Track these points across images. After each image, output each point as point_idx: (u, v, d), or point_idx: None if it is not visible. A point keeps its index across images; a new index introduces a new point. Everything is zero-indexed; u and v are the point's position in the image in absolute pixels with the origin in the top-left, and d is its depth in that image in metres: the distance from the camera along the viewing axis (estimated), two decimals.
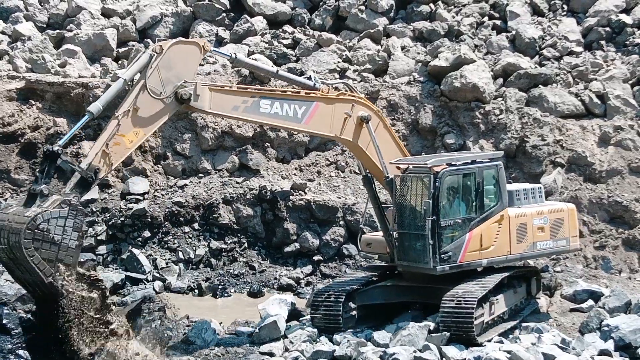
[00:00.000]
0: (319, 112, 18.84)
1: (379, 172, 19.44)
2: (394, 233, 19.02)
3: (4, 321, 13.04)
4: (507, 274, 18.94)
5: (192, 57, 18.26)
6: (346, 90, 20.35)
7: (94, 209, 27.73)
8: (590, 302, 20.17)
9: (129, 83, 17.78)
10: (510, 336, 18.10)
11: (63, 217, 15.43)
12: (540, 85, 28.43)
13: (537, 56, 30.19)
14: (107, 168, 16.96)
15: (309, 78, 20.20)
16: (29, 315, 13.59)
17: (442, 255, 18.45)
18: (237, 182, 28.35)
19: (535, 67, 29.23)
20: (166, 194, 28.31)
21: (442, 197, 18.55)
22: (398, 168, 19.29)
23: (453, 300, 17.53)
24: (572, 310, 20.09)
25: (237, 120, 22.35)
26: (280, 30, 33.99)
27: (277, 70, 21.25)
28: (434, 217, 18.27)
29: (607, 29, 30.52)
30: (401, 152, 20.39)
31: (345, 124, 19.14)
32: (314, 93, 19.30)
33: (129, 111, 17.10)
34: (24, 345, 12.92)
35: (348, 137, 19.38)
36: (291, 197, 27.58)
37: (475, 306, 17.20)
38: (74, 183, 16.63)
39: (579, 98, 28.02)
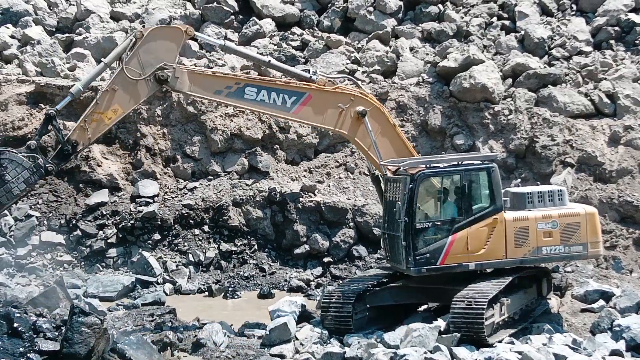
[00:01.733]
0: (312, 103, 19.48)
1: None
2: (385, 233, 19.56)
3: (15, 324, 13.05)
4: (517, 274, 18.88)
5: (175, 40, 19.58)
6: (352, 85, 20.47)
7: (104, 212, 27.80)
8: (601, 302, 20.10)
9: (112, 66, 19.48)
10: (521, 337, 18.06)
11: (22, 167, 18.00)
12: (549, 85, 28.37)
13: (546, 56, 30.12)
14: (86, 142, 19.00)
15: (308, 71, 20.61)
16: (39, 319, 13.63)
17: (418, 258, 18.59)
18: (247, 184, 28.37)
19: (545, 67, 29.17)
20: (176, 197, 28.36)
21: (419, 200, 18.69)
22: (388, 169, 19.53)
23: (463, 301, 17.47)
24: (583, 310, 20.02)
25: (219, 103, 23.17)
26: (289, 32, 34.00)
27: (269, 60, 21.64)
28: (407, 219, 18.48)
29: (617, 28, 30.43)
30: (406, 150, 20.28)
31: (340, 118, 19.54)
32: (307, 84, 19.79)
33: (107, 91, 19.12)
34: (34, 348, 12.94)
35: (344, 130, 19.86)
36: (301, 199, 27.59)
37: (485, 306, 17.15)
38: (55, 153, 18.90)
39: (588, 98, 27.95)
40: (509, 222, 18.81)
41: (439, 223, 18.88)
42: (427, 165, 18.97)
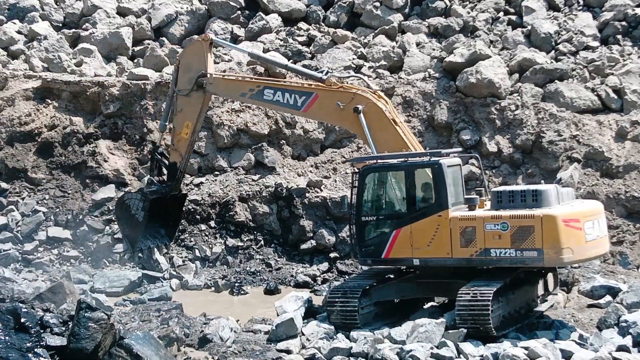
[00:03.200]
0: (318, 101, 20.81)
1: None
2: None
3: (23, 319, 13.08)
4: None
5: (201, 51, 22.92)
6: (361, 84, 21.36)
7: (111, 208, 27.84)
8: (608, 297, 20.04)
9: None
10: (528, 332, 18.04)
11: (138, 200, 23.25)
12: (556, 81, 28.32)
13: (553, 51, 30.08)
14: (181, 159, 23.37)
15: (322, 71, 21.92)
16: (46, 314, 13.66)
17: (364, 250, 19.25)
18: (253, 180, 28.39)
19: (551, 62, 29.12)
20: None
21: (365, 194, 19.27)
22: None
23: (469, 294, 17.46)
24: (589, 306, 19.96)
25: (246, 103, 26.26)
26: (295, 27, 34.02)
27: (287, 64, 23.75)
28: (352, 211, 19.27)
29: (624, 23, 30.39)
30: (405, 146, 20.16)
31: (341, 114, 20.53)
32: (316, 85, 21.08)
33: (177, 115, 23.27)
34: (41, 343, 12.98)
35: (347, 125, 21.35)
36: (307, 194, 27.59)
37: (491, 299, 17.13)
38: (167, 177, 23.67)
39: (595, 93, 27.89)
40: (454, 220, 18.31)
41: (382, 217, 19.32)
42: (376, 161, 19.52)
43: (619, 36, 30.12)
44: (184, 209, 26.07)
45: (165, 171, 24.49)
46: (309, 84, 21.61)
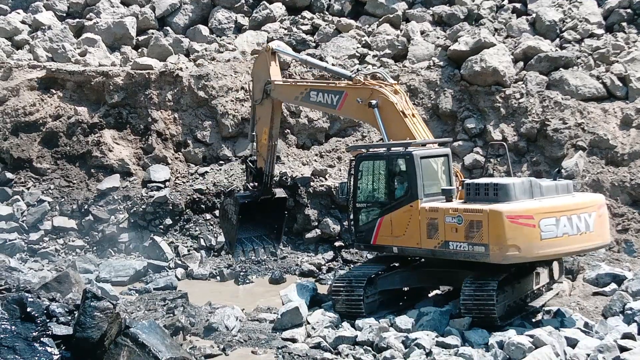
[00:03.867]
0: (348, 99, 21.23)
1: None
2: None
3: (29, 309, 13.12)
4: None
5: (265, 62, 23.91)
6: (379, 79, 21.81)
7: (116, 197, 27.89)
8: (613, 285, 20.04)
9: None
10: (533, 320, 18.05)
11: (232, 205, 24.36)
12: (561, 68, 28.24)
13: (558, 39, 29.99)
14: (265, 164, 24.14)
15: (357, 70, 23.71)
16: (52, 303, 13.71)
17: (358, 234, 19.88)
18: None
19: (556, 50, 29.04)
20: (187, 182, 28.43)
21: (359, 180, 19.93)
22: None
23: (474, 283, 17.47)
24: (594, 294, 19.96)
25: (300, 106, 27.39)
26: (299, 16, 33.97)
27: (326, 66, 24.55)
28: (347, 196, 20.07)
29: (629, 10, 30.28)
30: (415, 137, 20.14)
31: (362, 110, 20.87)
32: (346, 83, 21.79)
33: (256, 123, 24.39)
34: (47, 332, 13.02)
35: (368, 120, 21.73)
36: (312, 183, 27.60)
37: (496, 288, 17.13)
38: (256, 182, 24.56)
39: (600, 81, 27.81)
40: (423, 211, 18.41)
41: (370, 205, 19.79)
42: (367, 150, 20.29)
43: (624, 24, 30.02)
44: (285, 211, 26.05)
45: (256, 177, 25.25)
46: (341, 84, 22.11)
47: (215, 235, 27.14)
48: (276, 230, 25.43)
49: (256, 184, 24.48)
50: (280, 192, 25.30)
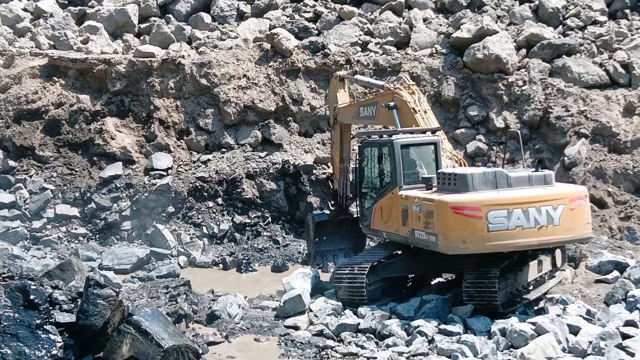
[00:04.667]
0: (380, 107, 21.80)
1: None
2: None
3: (32, 297, 13.13)
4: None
5: (334, 88, 24.70)
6: (402, 83, 22.13)
7: (118, 185, 27.90)
8: (616, 273, 20.02)
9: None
10: (535, 307, 18.06)
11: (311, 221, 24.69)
12: (564, 56, 28.21)
13: (561, 26, 29.95)
14: (339, 184, 24.27)
15: (399, 79, 23.96)
16: (55, 291, 13.72)
17: (363, 218, 20.60)
18: (260, 157, 28.41)
19: (559, 37, 29.00)
20: (189, 169, 28.43)
21: (364, 165, 20.54)
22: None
23: (476, 271, 17.47)
24: (597, 281, 19.93)
25: (355, 124, 26.67)
26: (302, 3, 33.90)
27: (368, 81, 25.34)
28: (355, 180, 20.96)
29: None
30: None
31: (387, 113, 21.36)
32: (377, 93, 22.97)
33: (332, 147, 25.32)
34: (51, 320, 13.04)
35: (391, 123, 21.94)
36: (314, 171, 27.62)
37: (498, 275, 17.13)
38: (333, 204, 24.80)
39: (603, 68, 27.77)
40: (400, 199, 18.66)
41: (368, 190, 20.49)
42: (368, 137, 21.07)
43: (627, 11, 29.99)
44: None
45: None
46: (377, 95, 22.79)
47: (218, 223, 27.17)
48: (358, 246, 25.25)
49: (334, 202, 24.80)
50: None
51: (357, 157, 20.75)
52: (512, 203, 16.96)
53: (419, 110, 20.56)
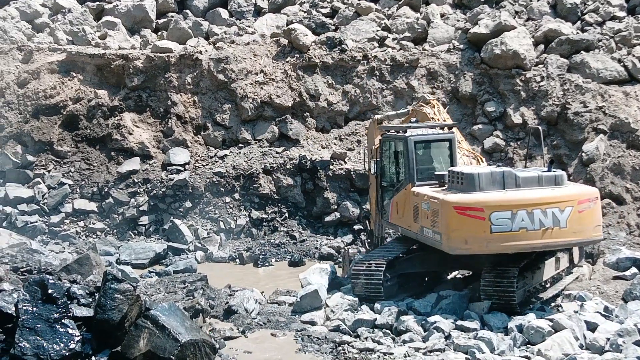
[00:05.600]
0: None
1: None
2: None
3: (50, 291, 13.19)
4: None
5: (371, 130, 23.27)
6: (424, 100, 22.57)
7: (136, 180, 27.99)
8: (634, 269, 19.95)
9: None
10: (553, 304, 18.01)
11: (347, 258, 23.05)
12: (582, 51, 28.06)
13: (579, 21, 29.78)
14: (374, 224, 22.37)
15: (422, 98, 23.61)
16: (73, 285, 13.79)
17: (382, 211, 20.71)
18: (277, 152, 28.43)
19: (577, 33, 28.84)
20: (207, 165, 28.48)
21: (383, 160, 20.66)
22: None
23: (495, 269, 17.42)
24: (615, 278, 19.86)
25: None
26: None
27: (397, 113, 24.64)
28: (375, 174, 20.83)
29: None
30: None
31: None
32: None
33: (370, 188, 23.03)
34: (68, 314, 13.10)
35: None
36: (331, 167, 27.61)
37: (516, 275, 17.08)
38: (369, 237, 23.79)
39: (621, 64, 27.61)
40: (412, 195, 18.71)
41: (386, 184, 20.63)
42: (388, 130, 20.82)
43: None
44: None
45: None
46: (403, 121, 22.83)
47: (235, 218, 27.22)
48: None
49: (369, 241, 24.25)
50: None
51: (379, 150, 20.79)
52: (517, 204, 16.83)
53: (438, 120, 20.75)
